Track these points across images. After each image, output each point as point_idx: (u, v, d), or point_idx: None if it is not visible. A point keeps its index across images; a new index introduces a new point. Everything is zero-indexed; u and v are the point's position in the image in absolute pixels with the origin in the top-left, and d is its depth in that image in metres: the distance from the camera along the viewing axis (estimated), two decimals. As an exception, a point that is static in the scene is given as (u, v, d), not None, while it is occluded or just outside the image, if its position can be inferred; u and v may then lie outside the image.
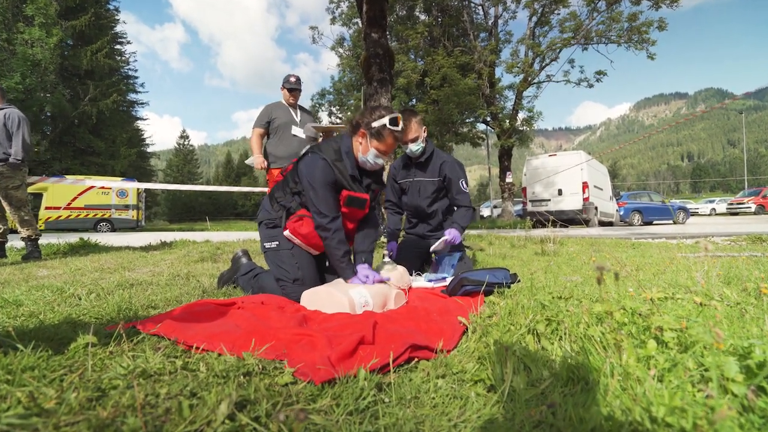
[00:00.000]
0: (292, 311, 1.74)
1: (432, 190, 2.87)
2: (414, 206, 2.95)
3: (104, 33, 26.13)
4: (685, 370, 0.88)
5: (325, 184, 1.94)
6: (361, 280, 1.98)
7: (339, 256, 1.98)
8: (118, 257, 4.08)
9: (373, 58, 6.06)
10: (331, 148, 2.02)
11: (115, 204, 17.03)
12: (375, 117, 1.97)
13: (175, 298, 2.03)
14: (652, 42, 16.02)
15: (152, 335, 1.32)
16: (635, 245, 5.09)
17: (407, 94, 20.82)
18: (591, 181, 12.63)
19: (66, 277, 2.72)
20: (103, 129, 25.65)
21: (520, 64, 18.00)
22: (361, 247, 2.18)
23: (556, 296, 1.61)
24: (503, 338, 1.21)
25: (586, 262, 3.39)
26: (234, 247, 5.16)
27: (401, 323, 1.56)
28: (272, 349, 1.20)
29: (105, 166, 25.61)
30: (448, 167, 2.84)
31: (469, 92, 17.07)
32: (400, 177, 3.01)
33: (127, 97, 30.16)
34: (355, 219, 2.16)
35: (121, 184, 6.99)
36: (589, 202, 12.38)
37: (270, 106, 4.13)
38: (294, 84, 4.08)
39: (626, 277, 2.19)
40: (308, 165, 1.98)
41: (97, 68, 24.97)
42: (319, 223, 1.97)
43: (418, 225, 3.05)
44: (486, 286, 1.94)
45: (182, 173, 55.62)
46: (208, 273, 2.97)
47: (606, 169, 15.80)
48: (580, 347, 1.08)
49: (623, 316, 1.15)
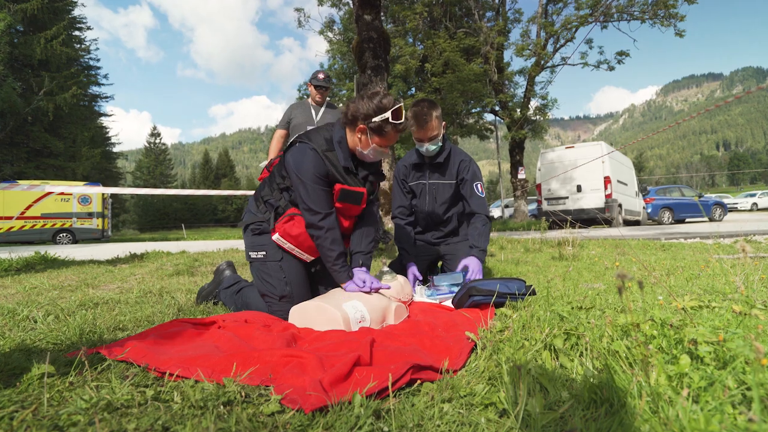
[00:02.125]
0: (279, 330, 1.73)
1: (449, 195, 2.83)
2: (428, 212, 2.90)
3: (60, 17, 26.05)
4: (723, 389, 0.88)
5: (315, 177, 1.94)
6: (358, 286, 1.97)
7: (333, 258, 1.98)
8: (80, 273, 4.06)
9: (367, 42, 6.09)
10: (321, 137, 2.02)
11: (77, 212, 16.99)
12: (374, 108, 1.94)
13: (147, 318, 2.02)
14: (681, 17, 16.05)
15: (119, 361, 1.31)
16: (665, 246, 5.11)
17: (406, 83, 20.91)
18: (614, 176, 12.67)
19: (19, 297, 2.71)
20: (62, 127, 25.59)
21: (531, 46, 18.10)
22: (359, 248, 2.17)
23: (575, 306, 1.61)
24: (516, 355, 1.21)
25: (610, 267, 3.40)
26: (214, 258, 5.15)
27: (402, 340, 1.55)
28: (257, 373, 1.19)
29: (64, 169, 25.55)
30: (464, 168, 2.81)
31: (475, 79, 17.13)
32: (411, 179, 2.93)
33: (89, 90, 30.16)
34: (350, 216, 2.16)
35: (84, 190, 6.99)
36: (612, 199, 12.41)
37: (292, 106, 4.30)
38: (321, 81, 4.17)
39: (655, 284, 2.19)
40: (296, 156, 1.98)
41: (53, 58, 24.89)
42: (310, 221, 1.97)
43: (427, 231, 3.02)
44: (497, 297, 1.94)
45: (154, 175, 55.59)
46: (185, 288, 2.95)
47: (631, 161, 15.86)
48: (604, 364, 1.08)
49: (652, 328, 1.15)
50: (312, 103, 4.23)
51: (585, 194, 12.91)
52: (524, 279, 2.63)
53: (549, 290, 2.14)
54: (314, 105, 4.23)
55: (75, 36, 28.62)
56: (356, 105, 1.99)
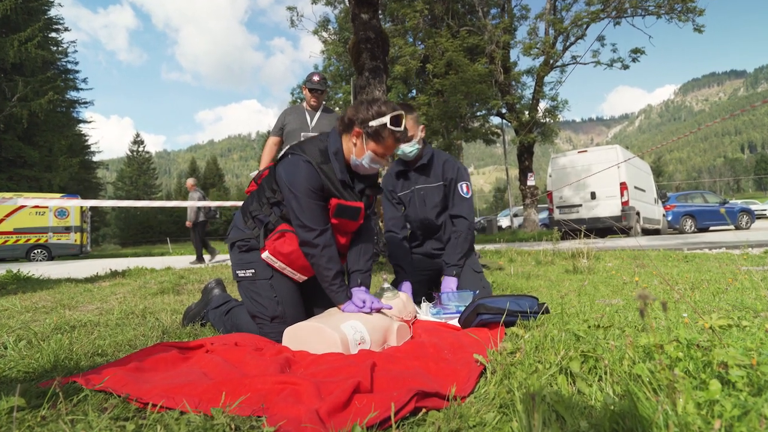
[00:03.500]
0: (272, 353, 1.72)
1: (439, 198, 2.89)
2: (420, 220, 2.95)
3: (35, 18, 26.30)
4: (759, 418, 0.87)
5: (309, 191, 1.94)
6: (357, 306, 1.96)
7: (330, 278, 1.97)
8: (56, 293, 4.05)
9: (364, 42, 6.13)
10: (315, 148, 2.02)
11: (53, 226, 16.98)
12: (372, 113, 1.96)
13: (128, 342, 2.01)
14: (699, 11, 16.09)
15: (97, 391, 1.30)
16: (688, 258, 5.10)
17: (406, 85, 21.06)
18: (630, 181, 12.70)
19: (-10, 320, 2.70)
20: (37, 135, 25.69)
21: (539, 44, 18.24)
22: (356, 266, 2.17)
23: (592, 325, 1.60)
24: (529, 381, 1.20)
25: (629, 281, 3.38)
26: (201, 275, 5.14)
27: (405, 364, 1.54)
28: (248, 402, 1.18)
29: (40, 180, 25.60)
30: (449, 167, 2.88)
31: (480, 80, 17.24)
32: (399, 189, 3.01)
33: (66, 95, 30.36)
34: (347, 232, 2.16)
35: (61, 202, 6.97)
36: (629, 206, 12.42)
37: (285, 111, 4.32)
38: (316, 84, 4.19)
39: (678, 300, 2.18)
40: (288, 169, 1.98)
41: (28, 61, 25.06)
42: (304, 239, 1.96)
43: (426, 242, 3.05)
44: (507, 316, 1.93)
45: (137, 186, 55.70)
46: (170, 308, 2.94)
47: (648, 166, 15.91)
48: (625, 390, 1.06)
49: (677, 349, 1.14)
50: (307, 107, 4.23)
51: (599, 202, 12.92)
52: (536, 295, 2.62)
53: (563, 307, 2.13)
54: (309, 110, 4.23)
55: (51, 38, 28.90)
56: (354, 110, 2.01)
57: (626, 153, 13.69)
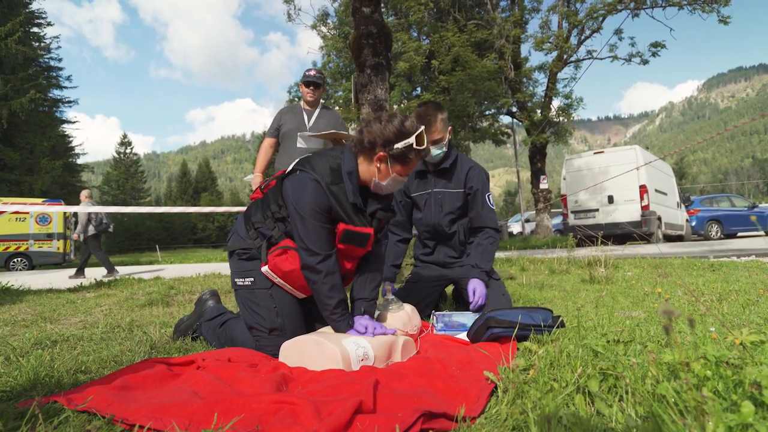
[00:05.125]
0: (268, 370, 1.72)
1: (457, 206, 2.89)
2: (433, 225, 2.94)
3: (15, 12, 26.45)
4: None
5: (315, 213, 1.91)
6: (359, 333, 1.95)
7: (331, 307, 1.96)
8: (36, 304, 4.06)
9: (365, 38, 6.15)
10: (326, 166, 1.98)
11: (35, 233, 17.02)
12: (395, 132, 1.92)
13: (114, 358, 2.00)
14: (725, 1, 16.01)
15: (80, 412, 1.29)
16: (715, 266, 5.07)
17: (410, 82, 21.09)
18: (651, 184, 12.67)
19: (-34, 335, 2.70)
20: (17, 136, 25.81)
21: (552, 38, 18.30)
22: (361, 294, 2.15)
23: (612, 340, 1.60)
24: (544, 400, 1.19)
25: (650, 292, 3.37)
26: (193, 285, 5.14)
27: (411, 381, 1.54)
28: (242, 424, 1.18)
29: (20, 184, 25.71)
30: (475, 176, 2.87)
31: (489, 76, 17.27)
32: (413, 189, 3.01)
33: (49, 94, 30.52)
34: (353, 257, 2.13)
35: (43, 208, 7.00)
36: (649, 211, 12.39)
37: (281, 111, 4.30)
38: (312, 77, 4.17)
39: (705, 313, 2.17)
40: (295, 187, 1.95)
41: (8, 57, 25.23)
42: (307, 263, 1.94)
43: (437, 249, 3.03)
44: (519, 329, 1.92)
45: (124, 190, 55.95)
46: (159, 321, 2.95)
47: (670, 167, 15.88)
48: (648, 411, 1.06)
49: (705, 367, 1.13)
50: (304, 106, 4.22)
51: (618, 206, 12.89)
52: (550, 307, 2.62)
53: (579, 320, 2.12)
54: (307, 108, 4.22)
55: (33, 33, 29.11)
56: (373, 130, 1.96)
57: (646, 154, 13.68)
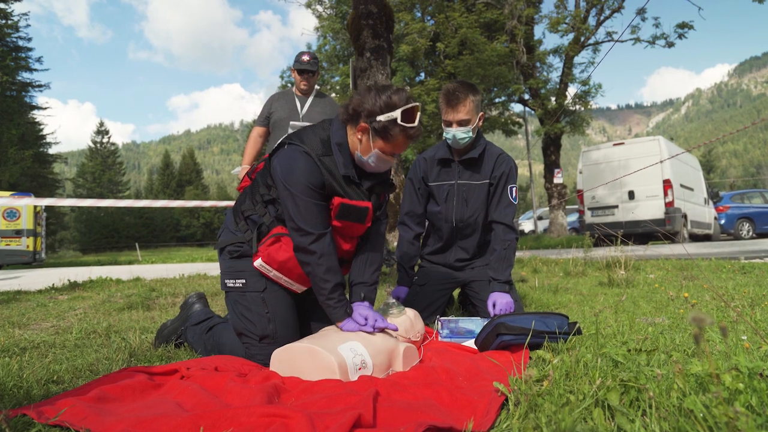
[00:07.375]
0: (258, 380, 1.72)
1: (483, 198, 2.85)
2: (456, 220, 2.88)
3: (-22, -14, 26.22)
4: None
5: (308, 189, 1.93)
6: (358, 324, 1.95)
7: (327, 291, 1.97)
8: (3, 308, 4.06)
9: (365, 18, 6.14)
10: (316, 138, 2.02)
11: (2, 230, 16.95)
12: (381, 104, 1.93)
13: (89, 367, 2.00)
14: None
15: (52, 426, 1.29)
16: (746, 268, 5.07)
17: (413, 67, 21.05)
18: (676, 179, 12.66)
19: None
20: (-19, 123, 25.72)
21: (568, 19, 18.27)
22: (361, 278, 2.16)
23: (633, 348, 1.59)
24: (560, 415, 1.19)
25: (675, 296, 3.37)
26: (176, 287, 5.14)
27: (413, 393, 1.54)
28: (229, 439, 1.17)
29: (-15, 176, 25.66)
30: (502, 161, 2.84)
31: (499, 61, 17.29)
32: (433, 177, 2.93)
33: (17, 77, 30.36)
34: (352, 236, 2.15)
35: (10, 201, 6.97)
36: (674, 207, 12.38)
37: (272, 97, 4.32)
38: (306, 64, 4.17)
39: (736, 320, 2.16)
40: (284, 162, 1.97)
41: (-30, 37, 25.04)
42: (299, 244, 1.95)
43: (450, 250, 2.99)
44: (532, 337, 1.92)
45: (100, 183, 55.90)
46: (139, 326, 2.94)
47: (697, 160, 15.86)
48: (675, 428, 1.05)
49: (737, 380, 1.13)
50: (297, 92, 4.23)
51: (639, 202, 12.88)
52: (565, 312, 2.61)
53: (597, 326, 2.12)
54: (299, 95, 4.23)
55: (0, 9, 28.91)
56: (360, 98, 1.98)
57: (671, 145, 13.64)
